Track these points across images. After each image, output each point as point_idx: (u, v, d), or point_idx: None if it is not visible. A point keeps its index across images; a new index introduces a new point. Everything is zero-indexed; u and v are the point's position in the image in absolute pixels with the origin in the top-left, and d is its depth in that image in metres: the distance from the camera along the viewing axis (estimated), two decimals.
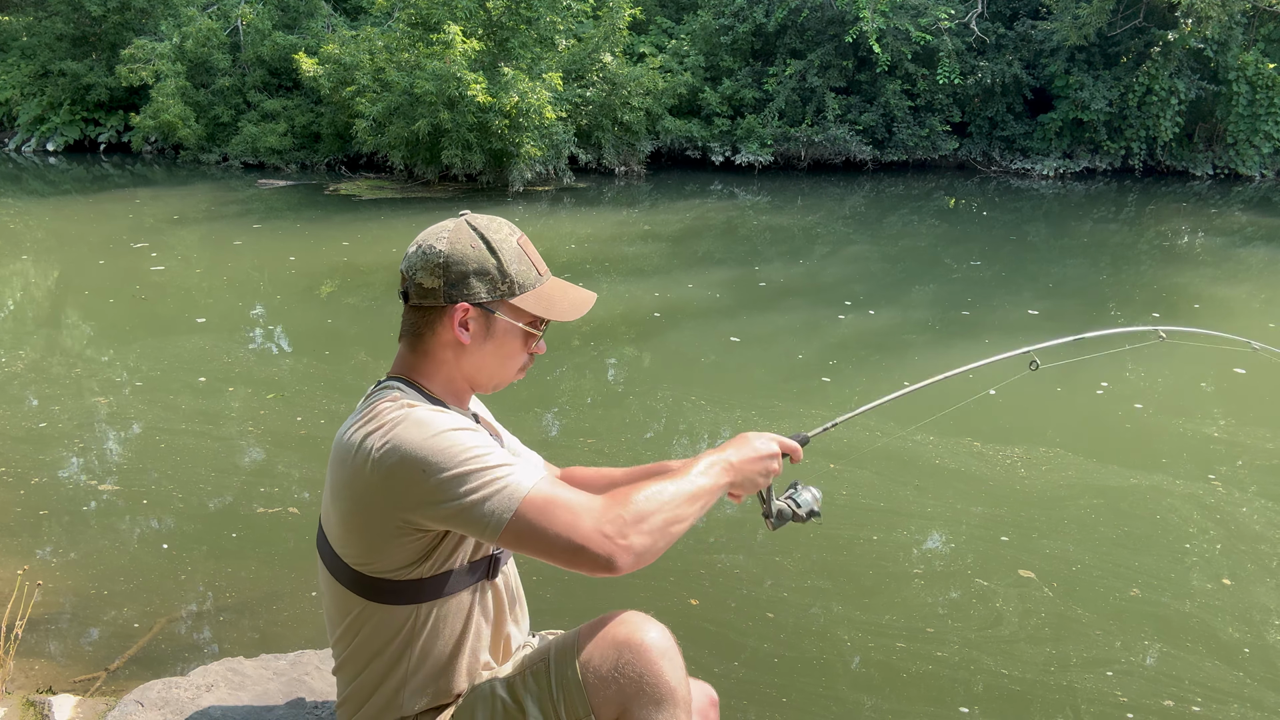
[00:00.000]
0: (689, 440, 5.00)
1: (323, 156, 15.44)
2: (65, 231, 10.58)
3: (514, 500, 1.40)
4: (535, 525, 1.39)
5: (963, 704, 2.90)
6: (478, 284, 1.57)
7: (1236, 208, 13.68)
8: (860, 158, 15.99)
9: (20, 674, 2.88)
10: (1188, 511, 4.14)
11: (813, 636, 3.22)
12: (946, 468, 4.54)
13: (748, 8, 16.18)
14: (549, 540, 1.39)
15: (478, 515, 1.40)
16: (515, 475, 1.43)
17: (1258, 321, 7.58)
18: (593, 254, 9.88)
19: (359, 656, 1.57)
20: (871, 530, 3.94)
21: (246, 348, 6.37)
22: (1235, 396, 5.75)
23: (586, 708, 1.50)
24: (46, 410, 5.14)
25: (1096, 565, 3.67)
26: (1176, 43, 14.73)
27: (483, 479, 1.41)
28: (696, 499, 1.49)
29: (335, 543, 1.53)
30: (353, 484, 1.47)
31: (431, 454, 1.41)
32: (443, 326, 1.58)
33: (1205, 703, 2.91)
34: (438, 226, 1.63)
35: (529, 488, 1.41)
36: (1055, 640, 3.22)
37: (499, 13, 12.70)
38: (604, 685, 1.49)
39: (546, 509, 1.40)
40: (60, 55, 16.60)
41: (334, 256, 9.30)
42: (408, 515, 1.44)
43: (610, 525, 1.39)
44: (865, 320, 7.30)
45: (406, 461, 1.42)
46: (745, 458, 1.60)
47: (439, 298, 1.56)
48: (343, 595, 1.55)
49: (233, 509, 4.06)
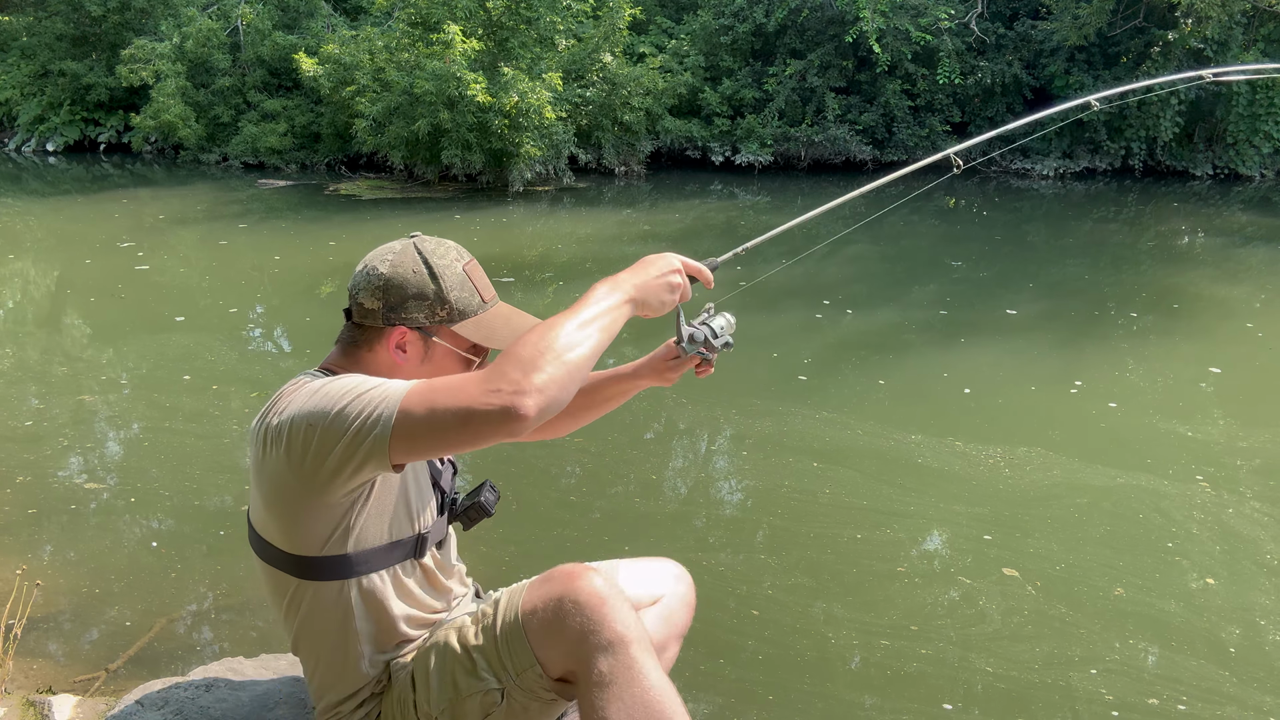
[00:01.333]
0: (687, 441, 5.00)
1: (323, 156, 15.45)
2: (58, 231, 10.58)
3: (392, 404, 1.37)
4: (420, 417, 1.35)
5: (947, 700, 2.91)
6: (416, 309, 1.57)
7: (1236, 208, 13.68)
8: (860, 158, 15.99)
9: (20, 674, 2.88)
10: (1170, 510, 4.14)
11: (798, 634, 3.23)
12: (929, 467, 4.55)
13: (748, 8, 16.18)
14: (439, 425, 1.34)
15: (365, 438, 1.38)
16: (390, 385, 1.41)
17: (1258, 321, 7.58)
18: (593, 254, 9.88)
19: (307, 633, 1.63)
20: (855, 529, 3.95)
21: (230, 347, 6.37)
22: (1210, 395, 5.76)
23: (530, 658, 1.53)
24: (30, 408, 5.14)
25: (1080, 564, 3.68)
26: (1176, 43, 14.74)
27: (359, 404, 1.40)
28: (589, 323, 1.41)
29: (260, 527, 1.58)
30: (263, 465, 1.50)
31: (315, 407, 1.43)
32: (380, 346, 1.59)
33: (1191, 701, 2.91)
34: (385, 247, 1.62)
35: (405, 386, 1.39)
36: (1040, 638, 3.22)
37: (499, 13, 12.71)
38: (549, 637, 1.51)
39: (426, 397, 1.36)
40: (60, 55, 16.61)
41: (323, 256, 9.30)
42: (312, 478, 1.44)
43: (494, 380, 1.32)
44: (865, 320, 7.31)
45: (296, 423, 1.44)
46: (644, 278, 1.53)
47: (378, 319, 1.58)
48: (276, 577, 1.60)
49: (233, 509, 4.06)
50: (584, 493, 4.32)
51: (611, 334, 1.45)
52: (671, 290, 1.58)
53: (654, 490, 4.41)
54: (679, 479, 4.61)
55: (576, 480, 4.46)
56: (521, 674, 1.54)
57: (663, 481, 4.54)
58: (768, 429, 5.01)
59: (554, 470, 4.49)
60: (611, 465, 4.56)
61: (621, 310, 1.48)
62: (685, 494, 4.45)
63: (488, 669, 1.56)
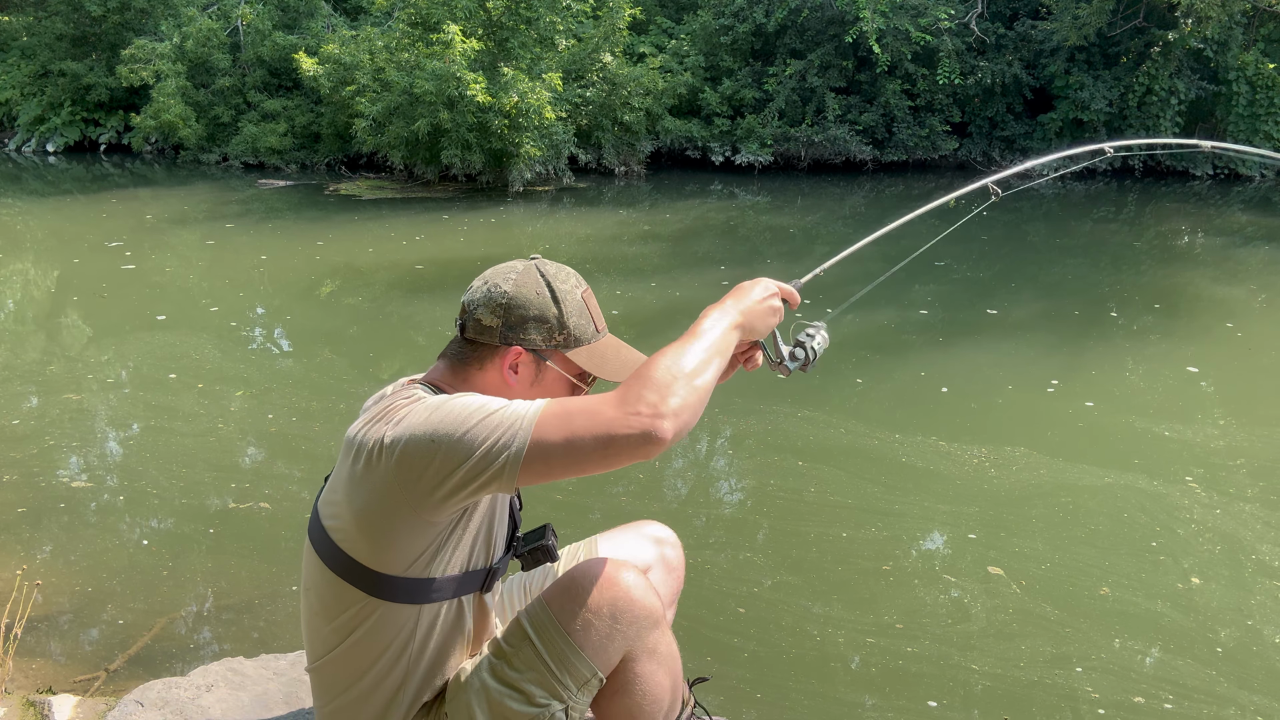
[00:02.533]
0: (687, 441, 5.00)
1: (323, 156, 15.45)
2: (58, 230, 10.58)
3: (527, 426, 1.35)
4: (557, 440, 1.34)
5: (931, 698, 2.92)
6: (535, 331, 1.57)
7: (1236, 208, 13.69)
8: (860, 158, 15.99)
9: (20, 674, 2.88)
10: (1155, 510, 4.15)
11: (784, 632, 3.24)
12: (914, 466, 4.57)
13: (748, 8, 16.18)
14: (577, 447, 1.33)
15: (494, 459, 1.35)
16: (519, 406, 1.39)
17: (1258, 321, 7.58)
18: (593, 254, 9.88)
19: (355, 654, 1.55)
20: (840, 527, 3.96)
21: (221, 346, 6.37)
22: (1199, 395, 5.76)
23: (591, 669, 1.55)
24: (16, 408, 5.14)
25: (1065, 564, 3.69)
26: (1176, 43, 14.73)
27: (489, 425, 1.37)
28: (711, 349, 1.45)
29: (342, 538, 1.50)
30: (365, 476, 1.45)
31: (438, 425, 1.39)
32: (492, 365, 1.58)
33: (1177, 700, 2.92)
34: (506, 266, 1.63)
35: (538, 408, 1.38)
36: (1024, 636, 3.23)
37: (499, 13, 12.71)
38: (607, 643, 1.55)
39: (563, 420, 1.35)
40: (60, 55, 16.61)
41: (322, 255, 9.31)
42: (425, 498, 1.41)
43: (633, 403, 1.33)
44: (865, 320, 7.30)
45: (416, 440, 1.39)
46: (748, 303, 1.58)
47: (495, 337, 1.57)
48: (340, 589, 1.52)
49: (233, 508, 4.06)
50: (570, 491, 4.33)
51: (726, 358, 1.49)
52: (773, 314, 1.62)
53: (645, 490, 4.42)
54: (666, 478, 4.62)
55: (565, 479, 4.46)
56: (583, 686, 1.55)
57: (650, 480, 4.54)
58: (753, 428, 5.03)
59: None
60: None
61: (732, 336, 1.52)
62: (671, 493, 4.46)
63: (546, 695, 1.54)
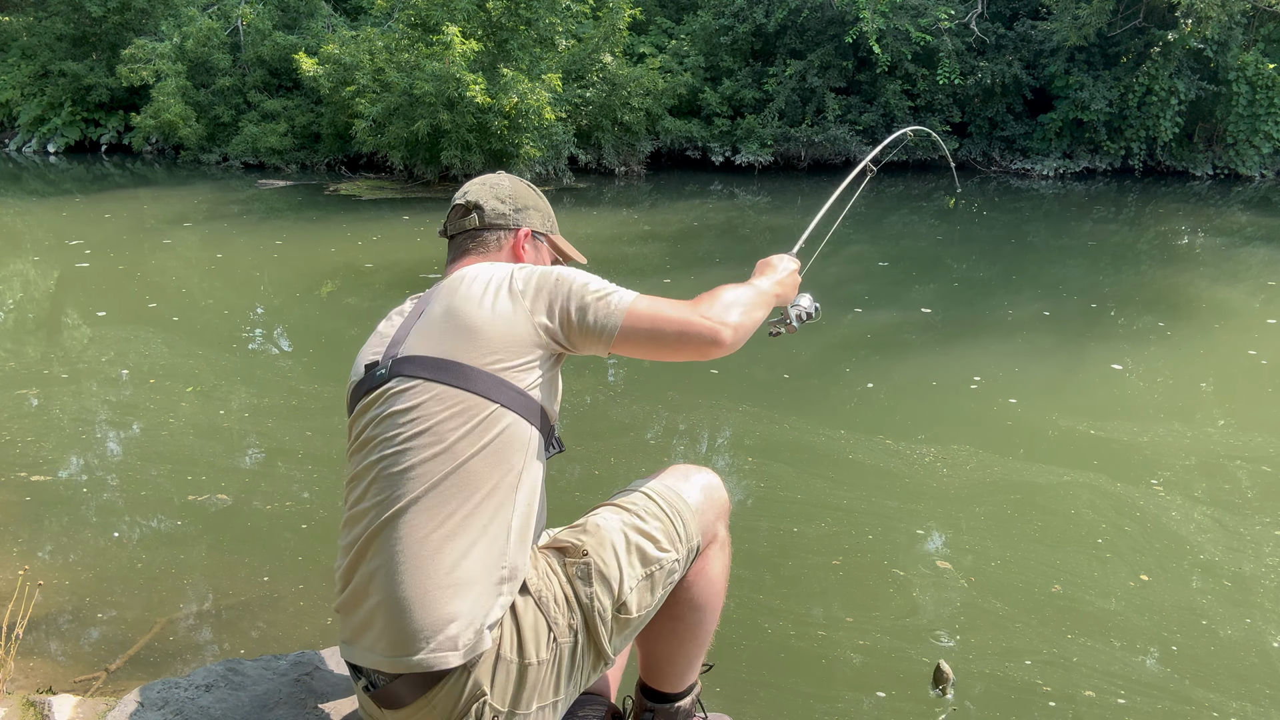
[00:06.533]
0: (688, 441, 5.00)
1: (323, 157, 15.45)
2: (58, 229, 10.59)
3: (627, 299, 1.72)
4: (647, 315, 1.71)
5: (880, 689, 2.95)
6: (534, 216, 1.95)
7: (1236, 208, 13.69)
8: (860, 158, 15.96)
9: (20, 674, 2.88)
10: (1105, 508, 4.16)
11: (735, 625, 3.25)
12: (860, 462, 4.59)
13: (748, 8, 16.18)
14: (660, 327, 1.70)
15: (603, 309, 1.69)
16: (623, 290, 1.75)
17: (1258, 321, 7.58)
18: (593, 254, 9.77)
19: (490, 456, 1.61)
20: (791, 522, 3.97)
21: (223, 347, 6.38)
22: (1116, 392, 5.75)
23: (699, 530, 1.81)
24: (15, 408, 5.14)
25: (1015, 560, 3.71)
26: (1176, 43, 14.73)
27: (604, 287, 1.73)
28: (762, 297, 1.89)
29: (461, 353, 1.64)
30: (496, 300, 1.68)
31: (565, 273, 1.75)
32: (508, 242, 1.90)
33: (1130, 695, 2.92)
34: (485, 176, 1.99)
35: (636, 294, 1.73)
36: (974, 630, 3.25)
37: (498, 13, 12.71)
38: (702, 517, 1.83)
39: (653, 305, 1.73)
40: (60, 55, 16.61)
41: (311, 254, 9.31)
42: (546, 316, 1.69)
43: (706, 311, 1.73)
44: (865, 320, 7.31)
45: (547, 275, 1.73)
46: (781, 275, 2.05)
47: (508, 220, 1.91)
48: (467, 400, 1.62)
49: (234, 508, 4.06)
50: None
51: (768, 311, 1.93)
52: (795, 287, 2.11)
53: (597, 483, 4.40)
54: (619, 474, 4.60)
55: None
56: (690, 542, 1.79)
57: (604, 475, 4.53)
58: (701, 422, 5.08)
59: None
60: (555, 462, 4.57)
61: (773, 298, 1.98)
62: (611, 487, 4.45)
63: (668, 544, 1.75)
